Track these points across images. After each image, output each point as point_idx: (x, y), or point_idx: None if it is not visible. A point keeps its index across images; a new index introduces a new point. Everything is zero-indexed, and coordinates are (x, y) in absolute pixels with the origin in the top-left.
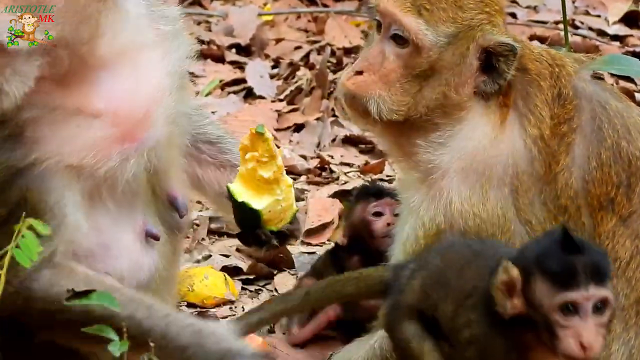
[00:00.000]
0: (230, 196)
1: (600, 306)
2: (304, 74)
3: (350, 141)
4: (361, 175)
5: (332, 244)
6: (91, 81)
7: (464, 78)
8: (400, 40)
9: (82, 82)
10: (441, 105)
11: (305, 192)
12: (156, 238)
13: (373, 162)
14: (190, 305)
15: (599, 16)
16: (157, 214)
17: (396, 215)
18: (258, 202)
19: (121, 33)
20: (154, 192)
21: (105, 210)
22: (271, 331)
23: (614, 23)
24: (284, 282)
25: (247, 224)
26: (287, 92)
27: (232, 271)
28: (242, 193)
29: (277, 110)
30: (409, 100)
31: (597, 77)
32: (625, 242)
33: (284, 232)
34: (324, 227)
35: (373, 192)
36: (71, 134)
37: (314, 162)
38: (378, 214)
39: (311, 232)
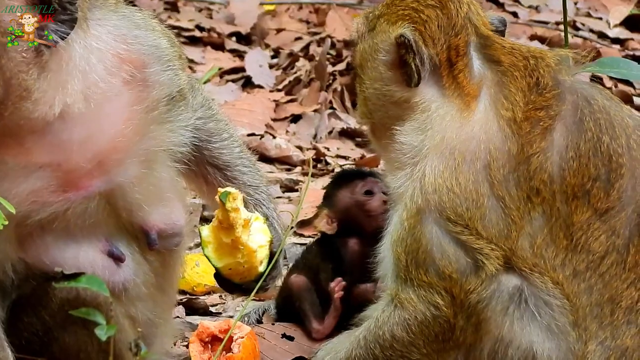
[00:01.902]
0: (200, 239)
1: None
2: (303, 65)
3: (347, 134)
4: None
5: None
6: (40, 134)
7: (383, 73)
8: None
9: (28, 136)
10: (392, 103)
11: (300, 183)
12: (120, 259)
13: (369, 155)
14: (180, 292)
15: (600, 18)
16: (130, 238)
17: (385, 193)
18: (218, 259)
19: (74, 84)
20: (123, 223)
21: (66, 232)
22: (259, 321)
23: (615, 26)
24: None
25: (214, 269)
26: (286, 82)
27: None
28: (209, 242)
29: (275, 100)
30: (361, 99)
31: (595, 79)
32: (601, 236)
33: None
34: (317, 218)
35: (355, 174)
36: (10, 186)
37: (310, 154)
38: (369, 193)
39: (305, 224)
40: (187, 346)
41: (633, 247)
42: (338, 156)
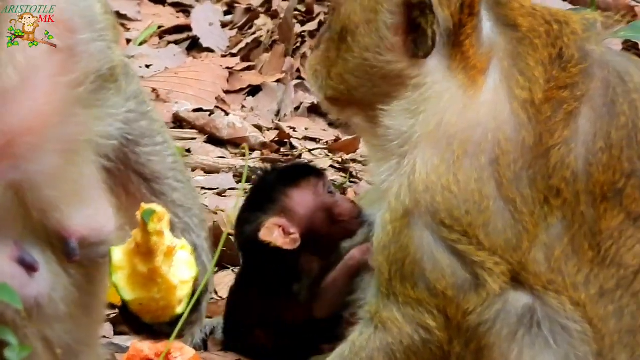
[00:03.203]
0: (110, 262)
1: None
2: (264, 23)
3: (317, 110)
4: (329, 154)
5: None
6: None
7: (384, 39)
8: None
9: None
10: (381, 77)
11: (258, 172)
12: (33, 269)
13: (345, 138)
14: (108, 306)
15: None
16: (45, 244)
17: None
18: (129, 291)
19: None
20: (36, 225)
21: None
22: (205, 343)
23: None
24: (226, 281)
25: (121, 301)
26: (242, 45)
27: None
28: (120, 268)
29: (228, 68)
30: (336, 72)
31: (630, 47)
32: (635, 246)
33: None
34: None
35: (309, 172)
36: None
37: (271, 135)
38: (330, 192)
39: None
40: None
41: None
42: (306, 138)
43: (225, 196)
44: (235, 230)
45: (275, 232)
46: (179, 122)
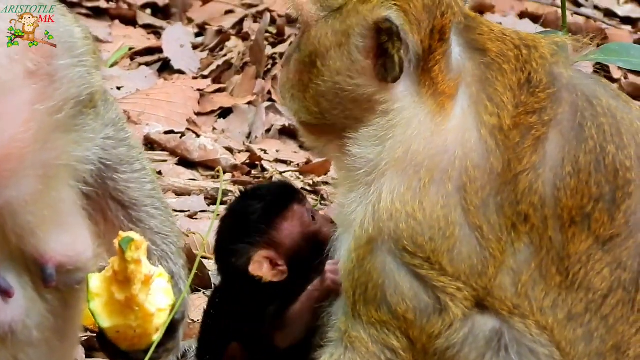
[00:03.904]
0: (87, 289)
1: None
2: (235, 45)
3: (289, 133)
4: (300, 176)
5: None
6: None
7: (355, 63)
8: (296, 21)
9: None
10: (351, 101)
11: (230, 194)
12: (8, 294)
13: (316, 160)
14: (84, 329)
15: None
16: (21, 269)
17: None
18: (106, 318)
19: None
20: (12, 250)
21: None
22: None
23: (626, 2)
24: (197, 304)
25: (97, 328)
26: (213, 67)
27: None
28: (97, 295)
29: (199, 90)
30: (310, 95)
31: (601, 69)
32: (603, 270)
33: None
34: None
35: (293, 198)
36: None
37: (242, 157)
38: (314, 218)
39: None
40: None
41: None
42: (277, 160)
43: (196, 218)
44: (218, 260)
45: (264, 266)
46: (150, 144)
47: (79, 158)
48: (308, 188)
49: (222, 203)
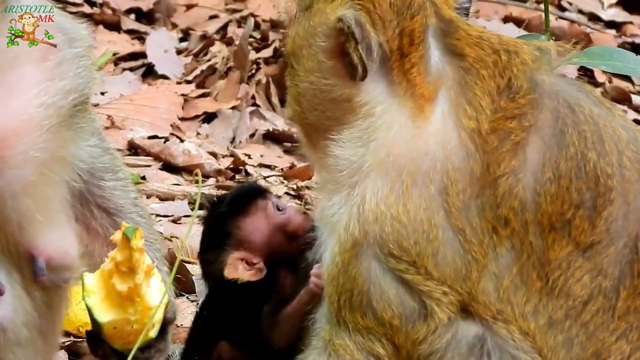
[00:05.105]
0: (82, 287)
1: None
2: (219, 50)
3: (272, 137)
4: (284, 181)
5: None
6: None
7: (321, 63)
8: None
9: None
10: (331, 101)
11: (207, 205)
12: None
13: (300, 165)
14: (63, 333)
15: None
16: (12, 266)
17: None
18: (104, 313)
19: None
20: (5, 243)
21: None
22: None
23: (610, 6)
24: (181, 309)
25: (92, 326)
26: (197, 72)
27: None
28: (93, 292)
29: (183, 95)
30: (292, 93)
31: (585, 74)
32: (583, 277)
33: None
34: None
35: (254, 196)
36: None
37: (226, 162)
38: (280, 209)
39: None
40: None
41: (624, 289)
42: (261, 165)
43: (180, 223)
44: (202, 271)
45: (239, 267)
46: (134, 149)
47: (74, 156)
48: (292, 192)
49: (202, 208)
